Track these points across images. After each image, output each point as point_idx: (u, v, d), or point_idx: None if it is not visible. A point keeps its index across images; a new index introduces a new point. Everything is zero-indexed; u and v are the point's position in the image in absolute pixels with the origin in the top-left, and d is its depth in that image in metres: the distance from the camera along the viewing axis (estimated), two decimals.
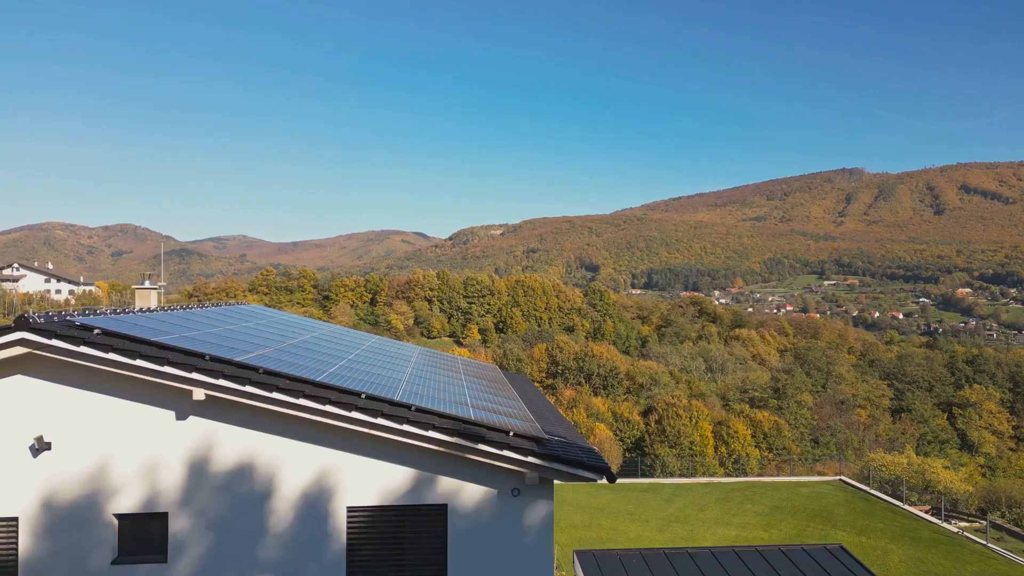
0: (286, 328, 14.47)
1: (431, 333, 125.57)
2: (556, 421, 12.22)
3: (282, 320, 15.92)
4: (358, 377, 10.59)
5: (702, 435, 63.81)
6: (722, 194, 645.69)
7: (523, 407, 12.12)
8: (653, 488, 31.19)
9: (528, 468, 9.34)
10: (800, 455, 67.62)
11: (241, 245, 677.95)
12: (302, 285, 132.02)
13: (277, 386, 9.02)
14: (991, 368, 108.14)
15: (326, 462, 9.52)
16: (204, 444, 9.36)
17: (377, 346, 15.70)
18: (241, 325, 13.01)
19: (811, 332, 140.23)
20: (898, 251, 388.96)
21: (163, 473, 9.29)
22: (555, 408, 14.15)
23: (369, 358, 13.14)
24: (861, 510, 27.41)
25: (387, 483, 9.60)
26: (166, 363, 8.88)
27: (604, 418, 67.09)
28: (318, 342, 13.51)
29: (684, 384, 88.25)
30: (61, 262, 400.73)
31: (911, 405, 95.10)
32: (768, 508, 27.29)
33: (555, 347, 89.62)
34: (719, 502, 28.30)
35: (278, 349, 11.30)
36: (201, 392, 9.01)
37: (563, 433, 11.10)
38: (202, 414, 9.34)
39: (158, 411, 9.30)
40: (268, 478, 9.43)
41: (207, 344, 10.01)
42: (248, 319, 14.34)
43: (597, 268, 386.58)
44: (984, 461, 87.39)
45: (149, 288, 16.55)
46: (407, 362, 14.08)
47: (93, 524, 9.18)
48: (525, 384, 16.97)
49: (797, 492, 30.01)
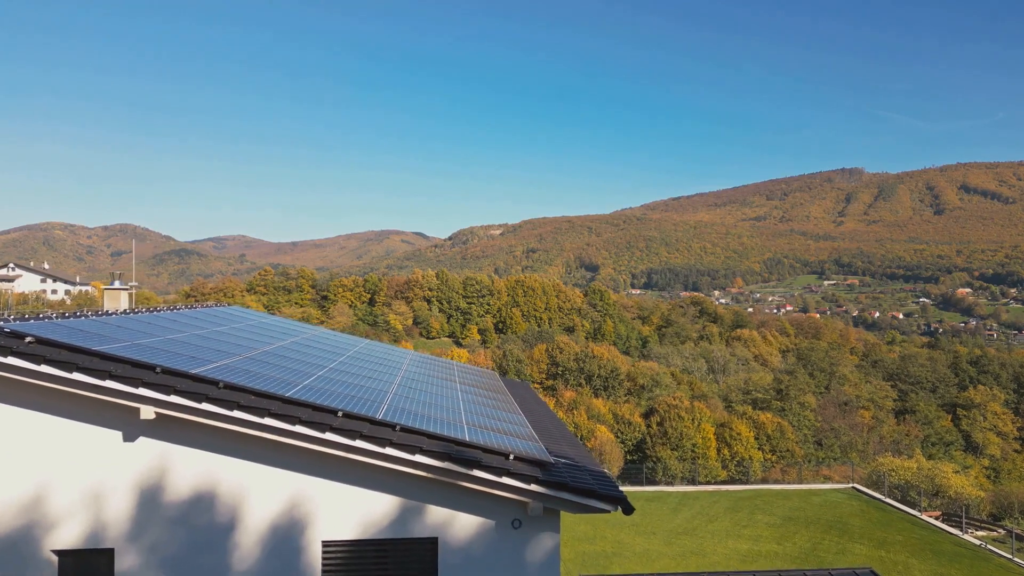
0: (265, 333, 13.21)
1: (430, 333, 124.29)
2: (562, 438, 10.96)
3: (263, 324, 14.66)
4: (338, 390, 9.33)
5: (704, 437, 62.72)
6: (722, 194, 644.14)
7: (524, 421, 10.85)
8: (659, 497, 29.95)
9: (531, 497, 8.09)
10: (804, 457, 66.47)
11: (241, 245, 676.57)
12: (300, 285, 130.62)
13: (239, 403, 7.76)
14: (995, 369, 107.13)
15: (298, 490, 8.26)
16: (156, 470, 8.10)
17: (365, 352, 14.43)
18: (213, 330, 11.76)
19: (812, 332, 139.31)
20: (898, 251, 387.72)
21: (109, 503, 8.04)
22: (560, 422, 12.88)
23: (354, 366, 11.88)
24: (877, 520, 26.20)
25: (368, 514, 8.34)
26: (108, 376, 7.62)
27: (605, 420, 65.91)
28: (299, 348, 12.26)
29: (686, 385, 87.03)
30: (60, 262, 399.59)
31: (915, 406, 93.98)
32: (780, 519, 26.06)
33: (555, 348, 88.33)
34: (728, 512, 27.07)
35: (250, 358, 10.04)
36: (150, 410, 7.74)
37: (570, 454, 9.84)
38: (154, 435, 8.08)
39: (103, 432, 8.04)
40: (231, 508, 8.18)
41: (164, 353, 8.76)
42: (224, 323, 13.08)
43: (597, 268, 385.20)
44: (989, 463, 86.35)
45: (119, 289, 15.26)
46: (396, 370, 12.82)
47: (29, 562, 7.92)
48: (526, 392, 15.70)
49: (809, 501, 28.78)
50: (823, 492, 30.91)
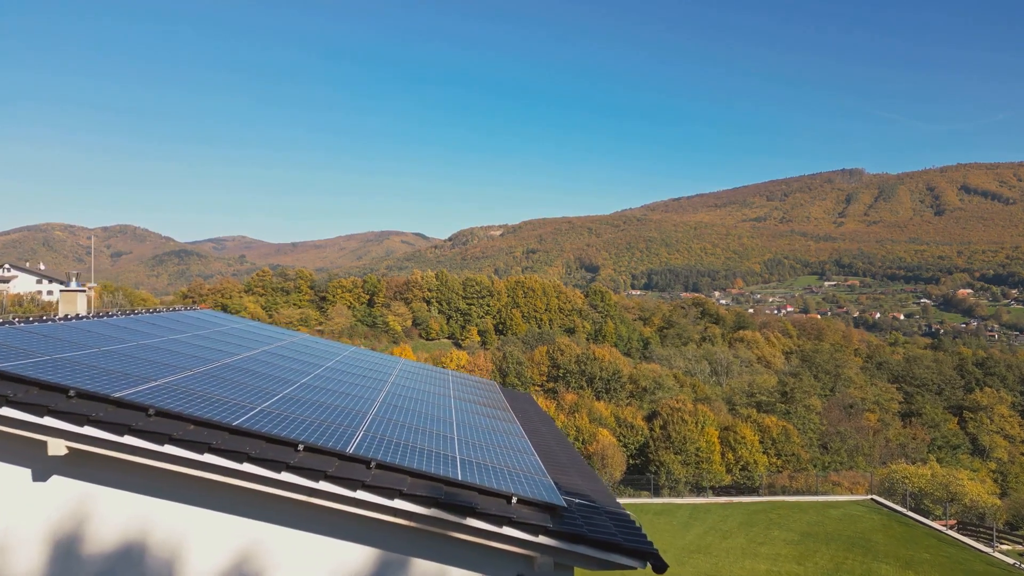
0: (232, 341, 11.63)
1: (429, 335, 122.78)
2: (572, 466, 9.35)
3: (233, 330, 13.07)
4: (305, 414, 7.75)
5: (708, 441, 61.31)
6: (722, 195, 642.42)
7: (529, 448, 9.26)
8: (667, 510, 28.36)
9: (539, 551, 6.52)
10: (810, 461, 65.01)
11: (241, 246, 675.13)
12: (298, 286, 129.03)
13: (171, 435, 6.17)
14: (1001, 371, 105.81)
15: (250, 540, 6.69)
16: (75, 515, 6.53)
17: (348, 362, 12.83)
18: (167, 339, 10.18)
19: (815, 333, 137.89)
20: (898, 252, 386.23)
21: (16, 555, 6.48)
22: (569, 444, 11.23)
23: (331, 381, 10.30)
24: (901, 537, 24.64)
25: (337, 569, 6.77)
26: (5, 402, 6.06)
27: (607, 423, 64.42)
28: (269, 360, 10.68)
29: (689, 388, 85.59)
30: (60, 263, 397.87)
31: (921, 409, 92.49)
32: (798, 535, 24.48)
33: (556, 349, 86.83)
34: (743, 527, 25.49)
35: (203, 373, 8.46)
36: (60, 444, 6.17)
37: (584, 489, 8.23)
38: (70, 473, 6.51)
39: (7, 469, 6.49)
40: (166, 562, 6.61)
41: (89, 371, 7.18)
42: (185, 329, 11.51)
43: (597, 269, 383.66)
44: (996, 467, 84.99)
45: (75, 290, 13.69)
46: (382, 384, 11.22)
47: None
48: (529, 406, 14.07)
49: (827, 515, 27.19)
50: (841, 504, 29.31)
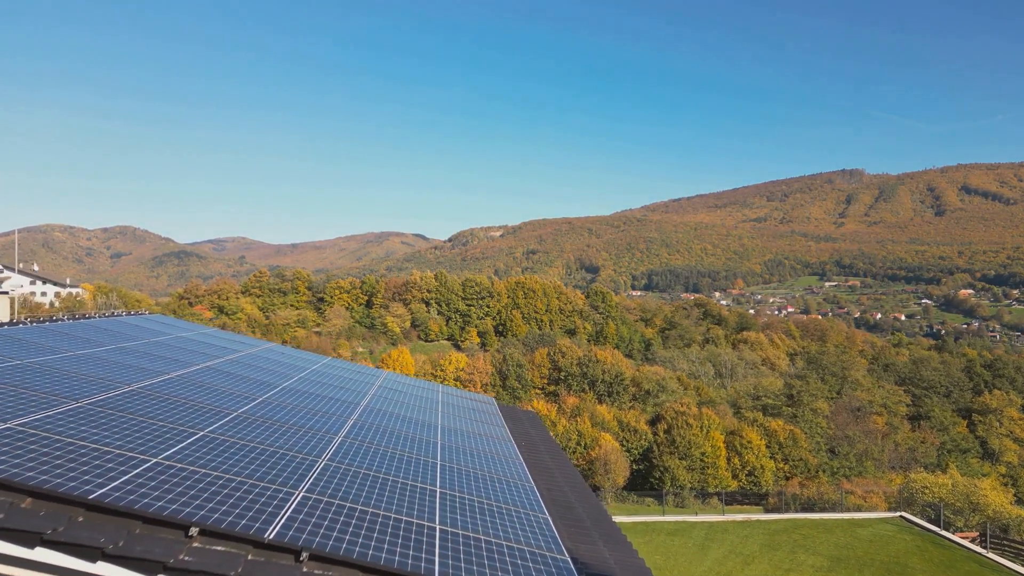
0: (163, 356, 9.43)
1: (428, 336, 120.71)
2: (596, 526, 7.03)
3: (173, 341, 10.86)
4: (222, 467, 5.54)
5: (714, 446, 59.56)
6: (722, 195, 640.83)
7: (537, 501, 7.03)
8: (681, 529, 26.17)
9: None
10: (818, 466, 63.12)
11: (240, 247, 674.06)
12: (296, 287, 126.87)
13: None
14: (1010, 372, 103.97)
15: None
16: None
17: (313, 380, 10.61)
18: (75, 353, 7.97)
19: (818, 335, 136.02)
20: (899, 252, 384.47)
21: None
22: (585, 487, 8.86)
23: (279, 410, 8.08)
24: (939, 560, 22.49)
25: None
26: None
27: (610, 427, 62.43)
28: (205, 380, 8.48)
29: (692, 390, 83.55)
30: (60, 264, 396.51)
31: (930, 412, 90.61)
32: (827, 559, 22.33)
33: (557, 351, 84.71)
34: (765, 550, 23.32)
35: (93, 404, 6.25)
36: None
37: (610, 563, 5.97)
38: None
39: None
40: None
41: None
42: (108, 341, 9.31)
43: (597, 269, 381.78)
44: (1006, 471, 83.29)
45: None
46: (350, 410, 8.99)
47: None
48: (534, 430, 11.77)
49: (856, 535, 25.02)
50: (870, 523, 27.11)
